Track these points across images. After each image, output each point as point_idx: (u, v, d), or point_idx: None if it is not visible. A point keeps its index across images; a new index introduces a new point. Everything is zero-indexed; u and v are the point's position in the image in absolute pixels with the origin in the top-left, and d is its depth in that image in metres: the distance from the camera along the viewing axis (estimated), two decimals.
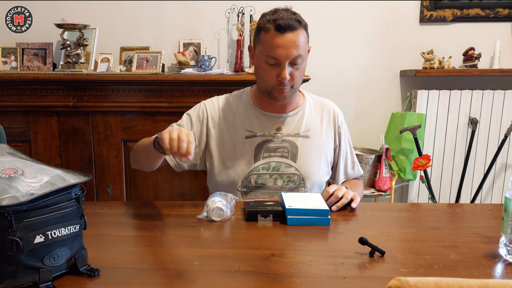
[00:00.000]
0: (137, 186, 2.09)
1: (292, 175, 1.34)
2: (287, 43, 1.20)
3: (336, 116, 1.42)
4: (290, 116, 1.36)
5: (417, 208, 1.30)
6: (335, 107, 1.44)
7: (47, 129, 2.04)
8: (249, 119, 1.35)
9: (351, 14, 2.44)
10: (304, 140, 1.36)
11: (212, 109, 1.38)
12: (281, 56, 1.20)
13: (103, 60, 2.30)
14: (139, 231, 1.05)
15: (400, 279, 0.50)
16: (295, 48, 1.20)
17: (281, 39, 1.20)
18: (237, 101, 1.39)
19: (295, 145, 1.35)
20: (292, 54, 1.20)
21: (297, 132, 1.36)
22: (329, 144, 1.40)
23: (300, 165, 1.34)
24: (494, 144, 2.43)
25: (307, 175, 1.35)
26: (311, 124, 1.38)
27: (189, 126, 1.36)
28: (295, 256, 0.89)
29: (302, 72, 1.28)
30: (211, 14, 2.40)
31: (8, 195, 0.68)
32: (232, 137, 1.35)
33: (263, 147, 1.34)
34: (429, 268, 0.83)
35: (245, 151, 1.33)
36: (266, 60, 1.23)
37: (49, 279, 0.73)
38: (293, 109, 1.37)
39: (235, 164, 1.33)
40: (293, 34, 1.20)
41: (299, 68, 1.25)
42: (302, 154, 1.35)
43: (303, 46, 1.22)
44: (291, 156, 1.34)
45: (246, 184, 1.34)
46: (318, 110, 1.41)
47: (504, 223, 0.87)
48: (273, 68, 1.23)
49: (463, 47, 2.43)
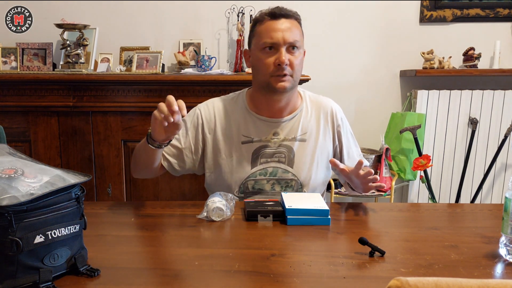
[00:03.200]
0: (137, 186, 2.09)
1: (290, 180, 1.33)
2: (282, 27, 1.22)
3: (334, 115, 1.39)
4: (287, 120, 1.34)
5: (417, 208, 1.30)
6: (332, 105, 1.41)
7: (47, 129, 2.04)
8: (245, 124, 1.33)
9: (351, 14, 2.44)
10: (300, 144, 1.34)
11: (207, 114, 1.36)
12: (279, 39, 1.21)
13: (103, 60, 2.30)
14: (139, 231, 1.05)
15: (400, 279, 0.50)
16: (290, 33, 1.22)
17: (275, 23, 1.23)
18: (233, 105, 1.36)
19: (292, 149, 1.33)
20: (288, 37, 1.21)
21: (294, 136, 1.33)
22: (327, 146, 1.37)
23: (298, 171, 1.33)
24: (494, 144, 2.43)
25: (305, 181, 1.33)
26: (307, 127, 1.35)
27: (184, 133, 1.35)
28: (295, 256, 0.89)
29: (301, 63, 1.27)
30: (211, 14, 2.40)
31: (8, 195, 0.68)
32: (228, 142, 1.33)
33: (260, 153, 1.32)
34: (429, 268, 0.83)
35: (241, 157, 1.32)
36: (263, 47, 1.24)
37: (49, 279, 0.73)
38: (290, 112, 1.34)
39: (232, 170, 1.32)
40: (288, 21, 1.23)
41: (296, 56, 1.24)
42: (298, 158, 1.33)
43: (298, 36, 1.24)
44: (288, 161, 1.33)
45: (243, 190, 1.33)
46: (315, 111, 1.38)
47: (504, 223, 0.87)
48: (271, 54, 1.23)
49: (463, 47, 2.43)
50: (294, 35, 1.23)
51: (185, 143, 1.34)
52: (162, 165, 1.34)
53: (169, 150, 1.34)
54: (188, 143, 1.35)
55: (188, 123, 1.36)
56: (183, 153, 1.34)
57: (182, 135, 1.35)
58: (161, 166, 1.34)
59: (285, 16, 1.23)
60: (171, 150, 1.34)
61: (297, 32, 1.24)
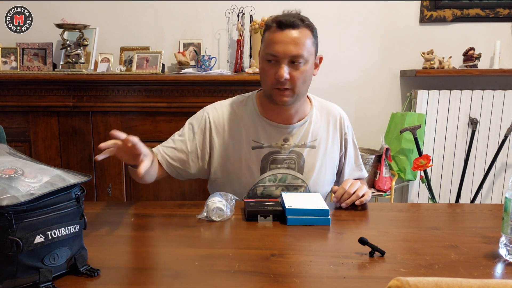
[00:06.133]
0: (137, 186, 2.09)
1: (299, 186, 1.32)
2: (286, 39, 1.16)
3: (342, 122, 1.38)
4: (298, 126, 1.31)
5: (417, 208, 1.30)
6: (340, 112, 1.40)
7: (47, 129, 2.04)
8: (255, 129, 1.29)
9: (351, 14, 2.44)
10: (310, 150, 1.32)
11: (216, 118, 1.31)
12: (279, 53, 1.16)
13: (103, 60, 2.30)
14: (139, 231, 1.05)
15: (400, 279, 0.50)
16: (294, 46, 1.15)
17: (280, 35, 1.16)
18: (242, 108, 1.32)
19: (302, 156, 1.31)
20: (290, 51, 1.15)
21: (304, 142, 1.31)
22: (334, 153, 1.37)
23: (307, 177, 1.31)
24: (494, 144, 2.43)
25: (314, 186, 1.32)
26: (317, 133, 1.33)
27: (191, 137, 1.31)
28: (295, 256, 0.89)
29: (305, 76, 1.20)
30: (211, 14, 2.40)
31: (8, 195, 0.68)
32: (237, 147, 1.29)
33: (270, 159, 1.29)
34: (429, 268, 0.83)
35: (251, 162, 1.29)
36: (266, 58, 1.20)
37: (49, 279, 0.73)
38: (301, 118, 1.31)
39: (240, 175, 1.29)
40: (294, 31, 1.16)
41: (300, 70, 1.18)
42: (308, 165, 1.31)
43: (305, 46, 1.17)
44: (298, 168, 1.31)
45: (251, 195, 1.31)
46: (324, 117, 1.36)
47: (504, 223, 0.87)
48: (272, 66, 1.19)
49: (463, 47, 2.43)
50: (299, 47, 1.16)
51: (191, 147, 1.30)
52: (162, 170, 1.30)
53: (174, 155, 1.30)
54: (195, 147, 1.30)
55: (195, 127, 1.32)
56: (189, 157, 1.30)
57: (189, 139, 1.31)
58: (160, 170, 1.30)
59: (292, 26, 1.16)
60: (176, 155, 1.30)
61: (304, 43, 1.17)
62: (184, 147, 1.30)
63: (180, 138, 1.32)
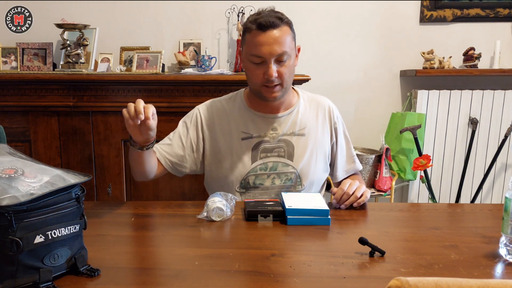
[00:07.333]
0: (137, 186, 2.09)
1: (290, 173, 1.35)
2: (269, 40, 1.20)
3: (332, 112, 1.43)
4: (285, 115, 1.36)
5: (417, 208, 1.30)
6: (329, 103, 1.45)
7: (47, 129, 2.04)
8: (244, 121, 1.35)
9: (351, 14, 2.44)
10: (299, 138, 1.36)
11: (206, 113, 1.38)
12: (265, 54, 1.21)
13: (103, 60, 2.30)
14: (139, 231, 1.05)
15: (400, 279, 0.50)
16: (278, 45, 1.20)
17: (263, 37, 1.21)
18: (231, 104, 1.39)
19: (291, 144, 1.35)
20: (275, 51, 1.20)
21: (292, 131, 1.36)
22: (325, 141, 1.41)
23: (297, 164, 1.35)
24: (494, 144, 2.43)
25: (304, 173, 1.35)
26: (306, 122, 1.38)
27: (185, 133, 1.38)
28: (295, 256, 0.89)
29: (291, 70, 1.27)
30: (211, 14, 2.40)
31: (8, 195, 0.68)
32: (228, 139, 1.35)
33: (260, 148, 1.34)
34: (429, 268, 0.83)
35: (242, 153, 1.34)
36: (251, 60, 1.24)
37: (49, 279, 0.73)
38: (287, 108, 1.37)
39: (232, 166, 1.34)
40: (275, 31, 1.21)
41: (286, 65, 1.24)
42: (298, 152, 1.35)
43: (287, 42, 1.22)
44: (288, 155, 1.35)
45: (244, 185, 1.34)
46: (313, 108, 1.41)
47: (504, 223, 0.87)
48: (259, 67, 1.24)
49: (463, 47, 2.43)
50: (282, 45, 1.21)
51: (186, 142, 1.37)
52: (161, 166, 1.35)
53: (171, 151, 1.36)
54: (190, 141, 1.37)
55: (188, 123, 1.39)
56: (185, 152, 1.36)
57: (183, 135, 1.37)
58: (159, 167, 1.34)
59: (272, 26, 1.20)
60: (173, 151, 1.36)
61: (286, 40, 1.22)
62: (180, 143, 1.37)
63: (176, 135, 1.39)
